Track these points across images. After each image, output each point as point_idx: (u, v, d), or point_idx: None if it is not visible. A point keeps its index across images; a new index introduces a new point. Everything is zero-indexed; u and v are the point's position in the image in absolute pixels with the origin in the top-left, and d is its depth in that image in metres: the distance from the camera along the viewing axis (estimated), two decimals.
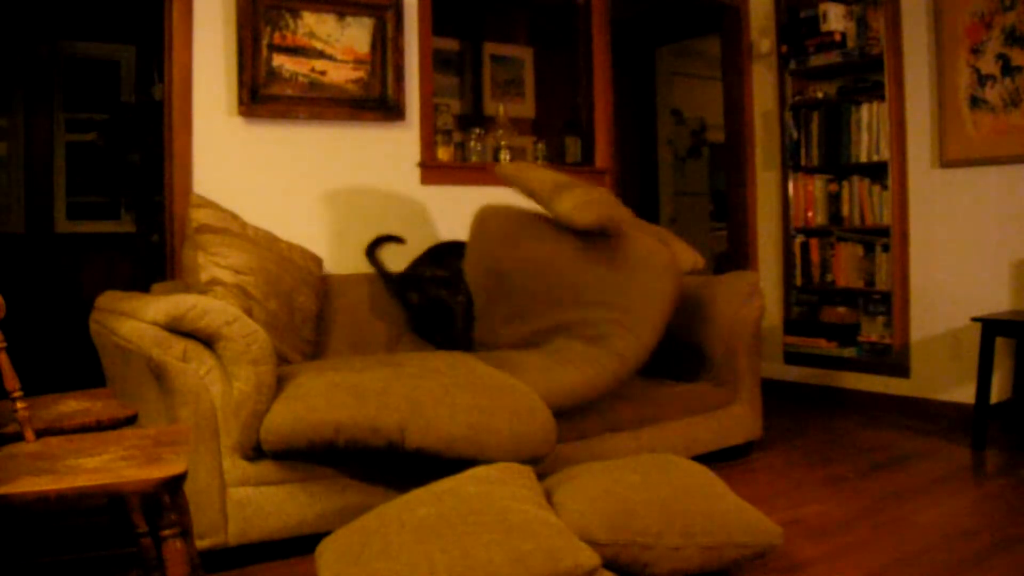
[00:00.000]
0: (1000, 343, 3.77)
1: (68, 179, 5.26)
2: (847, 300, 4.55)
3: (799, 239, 4.70)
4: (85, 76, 5.29)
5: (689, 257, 3.76)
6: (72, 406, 2.18)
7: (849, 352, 4.46)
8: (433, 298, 3.28)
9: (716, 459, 3.31)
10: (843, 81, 4.53)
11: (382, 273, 3.45)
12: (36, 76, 5.12)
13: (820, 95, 4.58)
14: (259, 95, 3.32)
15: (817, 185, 4.62)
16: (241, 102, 3.28)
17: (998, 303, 3.87)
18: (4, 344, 1.89)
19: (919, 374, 4.20)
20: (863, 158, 4.38)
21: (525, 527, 1.87)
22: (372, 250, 3.50)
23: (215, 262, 2.81)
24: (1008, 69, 3.83)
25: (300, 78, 3.41)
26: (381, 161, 3.66)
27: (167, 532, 1.58)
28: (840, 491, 2.99)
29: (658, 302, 2.95)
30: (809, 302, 4.75)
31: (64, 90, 5.22)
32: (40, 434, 1.91)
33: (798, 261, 4.71)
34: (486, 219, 3.32)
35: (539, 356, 2.93)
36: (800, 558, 2.35)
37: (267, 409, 2.32)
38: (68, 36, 5.20)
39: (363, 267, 3.57)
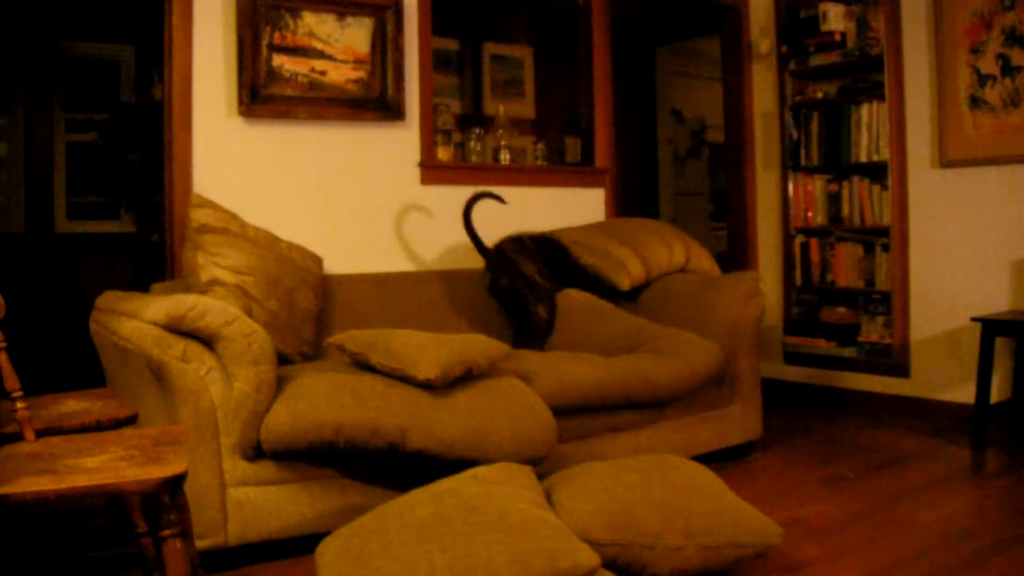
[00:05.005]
0: (1000, 343, 3.77)
1: (68, 179, 5.25)
2: (847, 300, 4.55)
3: (799, 239, 4.70)
4: (85, 76, 5.29)
5: (706, 262, 3.80)
6: (72, 406, 2.18)
7: (849, 352, 4.46)
8: (520, 295, 3.48)
9: (716, 459, 3.31)
10: (843, 81, 4.53)
11: (476, 241, 3.55)
12: (36, 76, 5.12)
13: (820, 95, 4.58)
14: (259, 95, 3.32)
15: (817, 185, 4.62)
16: (241, 102, 3.28)
17: (998, 303, 3.87)
18: (4, 344, 1.89)
19: (919, 374, 4.20)
20: (863, 158, 4.38)
21: (525, 527, 1.87)
22: (468, 211, 3.55)
23: (215, 262, 2.81)
24: (1008, 69, 3.83)
25: (300, 78, 3.41)
26: (381, 161, 3.66)
27: (167, 532, 1.58)
28: (840, 491, 2.99)
29: (700, 363, 3.16)
30: (809, 302, 4.75)
31: (64, 90, 5.22)
32: (40, 434, 1.91)
33: (798, 261, 4.71)
34: (570, 304, 3.55)
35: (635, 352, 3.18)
36: (800, 558, 2.35)
37: (267, 409, 2.32)
38: (68, 36, 5.20)
39: (363, 267, 3.57)
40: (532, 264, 3.49)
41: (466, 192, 3.77)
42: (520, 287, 3.45)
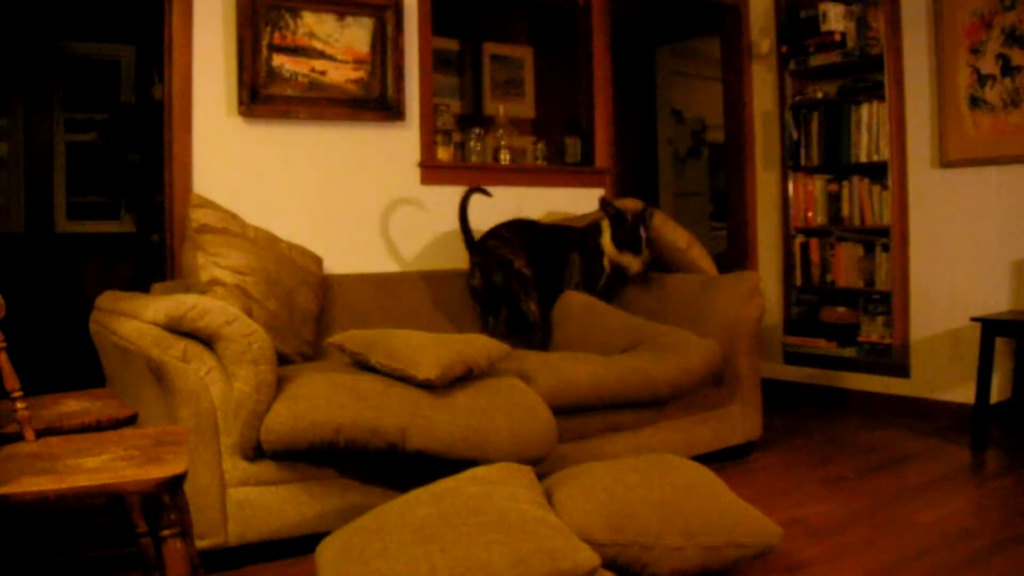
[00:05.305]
0: (1000, 343, 3.77)
1: (68, 179, 5.26)
2: (847, 300, 4.55)
3: (799, 239, 4.70)
4: (85, 76, 5.30)
5: (705, 263, 3.82)
6: (72, 406, 2.18)
7: (849, 352, 4.46)
8: (514, 293, 3.46)
9: (716, 459, 3.31)
10: (843, 81, 4.53)
11: (468, 237, 3.52)
12: (36, 76, 5.12)
13: (820, 95, 4.58)
14: (259, 95, 3.32)
15: (817, 185, 4.62)
16: (241, 102, 3.28)
17: (998, 303, 3.87)
18: (4, 344, 1.89)
19: (919, 374, 4.20)
20: (863, 158, 4.38)
21: (525, 527, 1.87)
22: (464, 207, 3.52)
23: (215, 262, 2.81)
24: (1008, 69, 3.83)
25: (300, 78, 3.41)
26: (381, 161, 3.66)
27: (167, 532, 1.58)
28: (840, 491, 2.99)
29: (698, 360, 3.18)
30: (809, 302, 4.75)
31: (64, 90, 5.22)
32: (40, 434, 1.91)
33: (798, 261, 4.71)
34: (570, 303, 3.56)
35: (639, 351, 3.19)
36: (800, 558, 2.35)
37: (267, 409, 2.32)
38: (68, 36, 5.20)
39: (363, 267, 3.57)
40: (519, 259, 3.48)
41: None
42: (514, 283, 3.44)
